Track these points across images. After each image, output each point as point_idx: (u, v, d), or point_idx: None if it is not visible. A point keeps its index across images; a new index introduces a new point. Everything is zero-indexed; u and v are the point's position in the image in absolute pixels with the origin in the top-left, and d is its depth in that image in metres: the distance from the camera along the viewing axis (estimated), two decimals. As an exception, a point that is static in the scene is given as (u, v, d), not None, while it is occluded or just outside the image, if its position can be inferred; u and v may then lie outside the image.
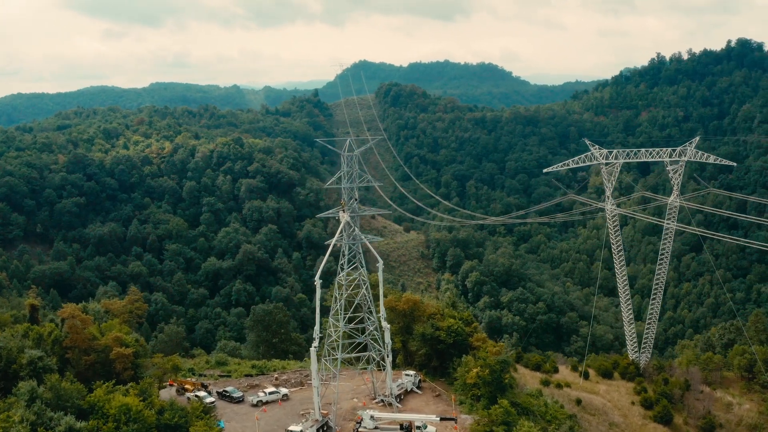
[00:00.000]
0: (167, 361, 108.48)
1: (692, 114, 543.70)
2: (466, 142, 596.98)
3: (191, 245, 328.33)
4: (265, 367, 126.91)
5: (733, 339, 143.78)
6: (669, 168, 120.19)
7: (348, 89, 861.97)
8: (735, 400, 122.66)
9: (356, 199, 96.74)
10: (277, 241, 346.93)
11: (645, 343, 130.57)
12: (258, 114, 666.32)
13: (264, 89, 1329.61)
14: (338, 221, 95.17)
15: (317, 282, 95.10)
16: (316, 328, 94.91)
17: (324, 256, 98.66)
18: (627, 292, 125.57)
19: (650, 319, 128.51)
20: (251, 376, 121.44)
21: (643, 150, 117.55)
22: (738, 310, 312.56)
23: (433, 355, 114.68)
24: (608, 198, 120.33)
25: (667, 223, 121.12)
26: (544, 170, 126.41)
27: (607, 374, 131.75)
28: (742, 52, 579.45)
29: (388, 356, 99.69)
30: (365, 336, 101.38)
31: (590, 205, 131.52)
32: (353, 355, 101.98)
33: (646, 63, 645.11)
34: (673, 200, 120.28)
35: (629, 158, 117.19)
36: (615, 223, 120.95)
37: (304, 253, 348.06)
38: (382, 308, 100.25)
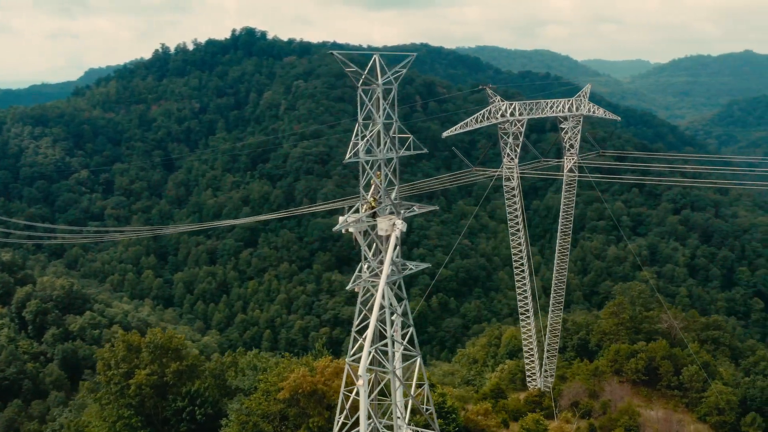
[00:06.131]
0: None
1: (209, 105, 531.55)
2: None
3: None
4: None
5: (585, 338, 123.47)
6: (565, 125, 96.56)
7: None
8: (660, 414, 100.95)
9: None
10: None
11: (551, 363, 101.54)
12: None
13: None
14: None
15: (363, 379, 43.07)
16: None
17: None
18: (528, 299, 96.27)
19: (553, 328, 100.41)
20: None
21: (542, 102, 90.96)
22: (312, 303, 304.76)
23: None
24: (511, 167, 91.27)
25: (568, 192, 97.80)
26: (443, 134, 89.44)
27: (516, 415, 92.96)
28: (249, 41, 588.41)
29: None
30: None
31: (491, 175, 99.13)
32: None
33: (110, 63, 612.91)
34: (573, 164, 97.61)
35: (534, 114, 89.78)
36: (518, 197, 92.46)
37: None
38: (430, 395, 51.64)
